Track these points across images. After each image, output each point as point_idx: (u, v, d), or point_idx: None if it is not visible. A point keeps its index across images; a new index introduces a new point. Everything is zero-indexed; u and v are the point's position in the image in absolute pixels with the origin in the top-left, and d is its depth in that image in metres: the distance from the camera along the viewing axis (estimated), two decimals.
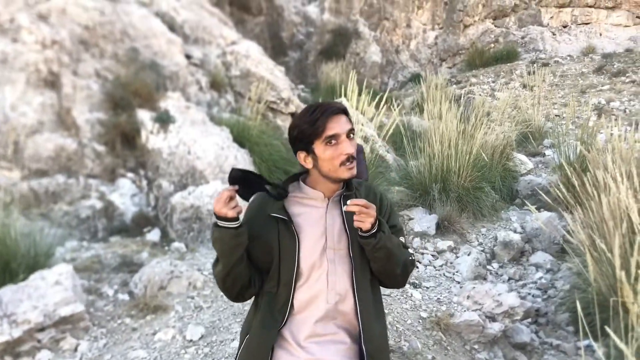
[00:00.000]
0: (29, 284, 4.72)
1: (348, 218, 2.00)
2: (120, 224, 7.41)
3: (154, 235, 7.10)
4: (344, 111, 2.00)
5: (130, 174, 8.00)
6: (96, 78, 8.40)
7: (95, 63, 8.56)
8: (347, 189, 2.09)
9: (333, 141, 1.94)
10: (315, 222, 2.02)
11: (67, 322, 4.66)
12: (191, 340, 4.45)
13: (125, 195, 7.71)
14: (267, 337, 1.94)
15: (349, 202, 1.90)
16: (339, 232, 2.02)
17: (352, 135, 1.98)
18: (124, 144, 8.10)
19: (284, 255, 1.97)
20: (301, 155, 2.03)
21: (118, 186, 7.77)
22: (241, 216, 1.93)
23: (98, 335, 4.71)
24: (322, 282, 1.96)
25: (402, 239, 2.14)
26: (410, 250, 2.19)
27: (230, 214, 1.85)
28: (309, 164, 2.03)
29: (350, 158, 1.94)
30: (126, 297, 5.39)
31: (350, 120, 2.01)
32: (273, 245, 1.99)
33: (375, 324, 2.02)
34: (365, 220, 1.86)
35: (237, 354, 2.05)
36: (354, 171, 1.98)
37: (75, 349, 4.54)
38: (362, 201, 1.87)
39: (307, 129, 1.95)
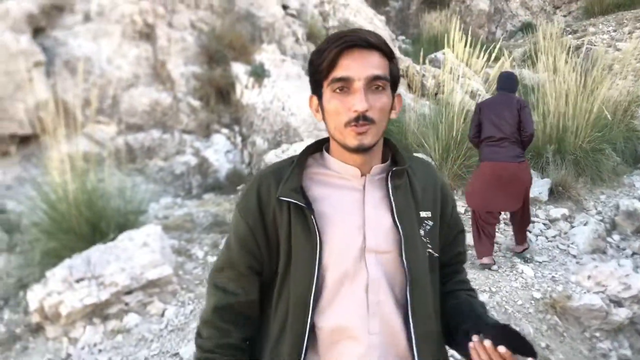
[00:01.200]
0: (117, 244, 4.61)
1: (399, 204, 1.34)
2: (214, 181, 7.29)
3: None
4: (376, 47, 1.26)
5: (224, 130, 7.83)
6: (191, 30, 8.22)
7: (190, 14, 8.36)
8: (395, 163, 1.40)
9: (342, 87, 1.25)
10: (348, 210, 1.32)
11: (155, 285, 4.52)
12: None
13: (219, 152, 7.56)
14: None
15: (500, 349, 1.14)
16: (384, 227, 1.32)
17: (378, 86, 1.26)
18: (218, 99, 7.93)
19: (297, 261, 1.29)
20: (312, 101, 1.37)
21: (213, 142, 7.63)
22: None
23: (185, 300, 4.55)
24: (359, 303, 1.29)
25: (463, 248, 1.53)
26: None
27: None
28: (318, 115, 1.36)
29: (360, 118, 1.23)
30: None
31: (385, 65, 1.28)
32: (279, 245, 1.32)
33: (437, 355, 1.37)
34: None
35: None
36: (366, 140, 1.26)
37: (162, 314, 4.40)
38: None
39: (315, 61, 1.29)
